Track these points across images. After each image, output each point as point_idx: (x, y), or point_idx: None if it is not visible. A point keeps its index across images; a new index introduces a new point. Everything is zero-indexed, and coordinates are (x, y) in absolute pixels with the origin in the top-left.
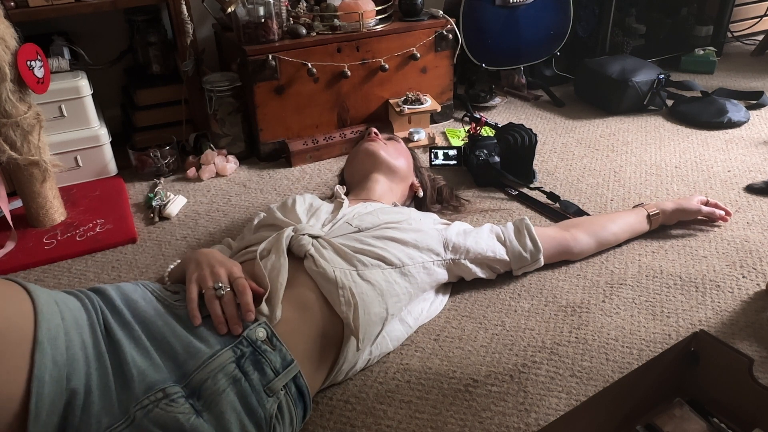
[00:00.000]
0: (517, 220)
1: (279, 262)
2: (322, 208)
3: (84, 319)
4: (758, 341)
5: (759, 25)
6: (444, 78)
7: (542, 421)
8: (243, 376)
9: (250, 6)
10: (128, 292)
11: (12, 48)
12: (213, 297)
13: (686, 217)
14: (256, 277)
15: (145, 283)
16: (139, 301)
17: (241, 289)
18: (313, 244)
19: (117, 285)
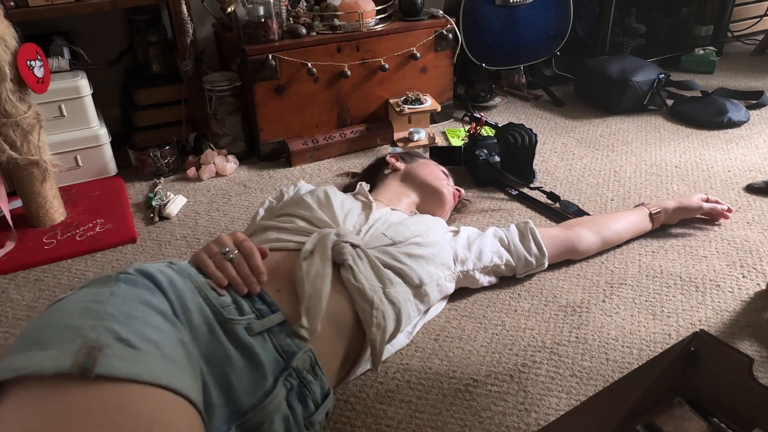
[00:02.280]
0: (521, 224)
1: (324, 270)
2: (353, 210)
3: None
4: (758, 341)
5: (759, 24)
6: (444, 78)
7: (542, 421)
8: (290, 413)
9: (250, 6)
10: (184, 295)
11: (12, 48)
12: (223, 260)
13: (688, 215)
14: (295, 278)
15: (191, 273)
16: (193, 312)
17: (249, 251)
18: (351, 254)
19: (169, 279)
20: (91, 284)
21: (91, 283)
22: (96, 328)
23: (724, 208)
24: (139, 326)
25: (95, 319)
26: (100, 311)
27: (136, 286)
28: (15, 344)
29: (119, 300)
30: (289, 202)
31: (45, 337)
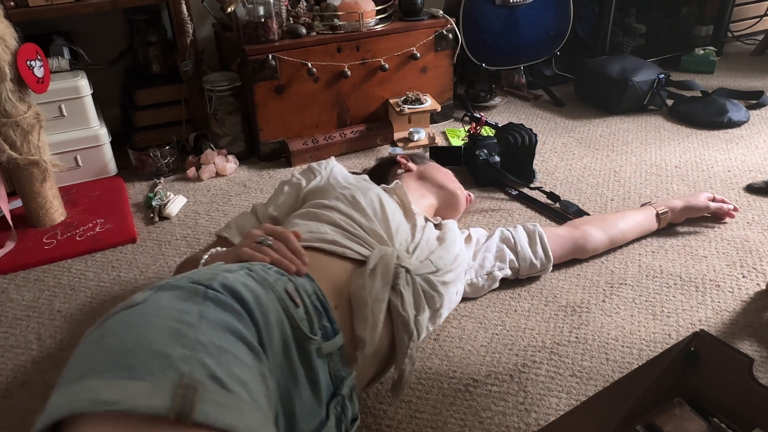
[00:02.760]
0: (529, 226)
1: (383, 295)
2: (402, 224)
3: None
4: (758, 341)
5: (759, 24)
6: (444, 78)
7: (542, 421)
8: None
9: (250, 6)
10: (268, 312)
11: (12, 48)
12: (262, 247)
13: (694, 215)
14: (356, 298)
15: (271, 283)
16: (274, 330)
17: (284, 236)
18: (404, 279)
19: (255, 295)
20: (172, 291)
21: (172, 290)
22: (189, 360)
23: (730, 207)
24: (229, 362)
25: (187, 348)
26: (191, 338)
27: (224, 309)
28: (90, 353)
29: (209, 326)
30: (329, 188)
31: (132, 361)
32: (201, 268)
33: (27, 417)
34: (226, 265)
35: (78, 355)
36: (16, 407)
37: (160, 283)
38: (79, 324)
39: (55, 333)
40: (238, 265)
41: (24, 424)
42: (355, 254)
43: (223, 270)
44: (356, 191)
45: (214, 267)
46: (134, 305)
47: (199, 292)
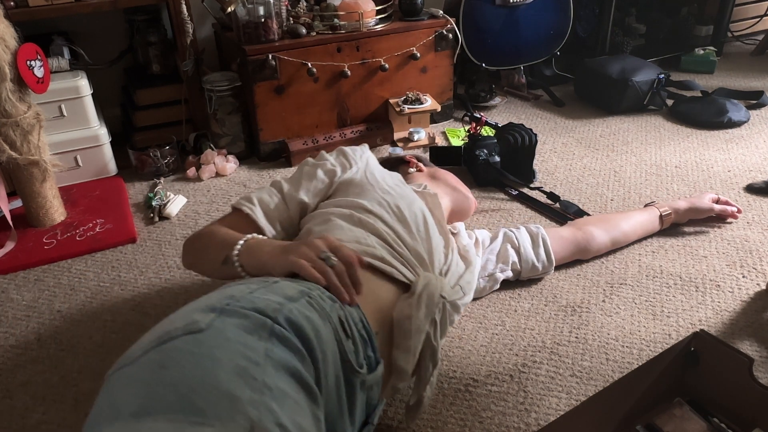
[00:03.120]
0: (533, 229)
1: (424, 326)
2: (439, 245)
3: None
4: (758, 341)
5: (759, 24)
6: (444, 78)
7: (542, 421)
8: None
9: (250, 6)
10: (326, 348)
11: (12, 48)
12: (324, 266)
13: (698, 216)
14: (401, 328)
15: (329, 312)
16: (330, 366)
17: (349, 259)
18: (440, 309)
19: (316, 330)
20: (237, 320)
21: (237, 318)
22: (257, 405)
23: (734, 210)
24: (291, 408)
25: (255, 391)
26: (258, 379)
27: (289, 349)
28: (152, 384)
29: (274, 367)
30: (366, 186)
31: (200, 402)
32: (254, 284)
33: (27, 417)
34: (287, 290)
35: (134, 378)
36: (16, 407)
37: (223, 303)
38: (79, 324)
39: (55, 333)
40: (297, 289)
41: (24, 424)
42: (401, 276)
43: (285, 298)
44: (400, 201)
45: (273, 289)
46: (197, 331)
47: (266, 327)
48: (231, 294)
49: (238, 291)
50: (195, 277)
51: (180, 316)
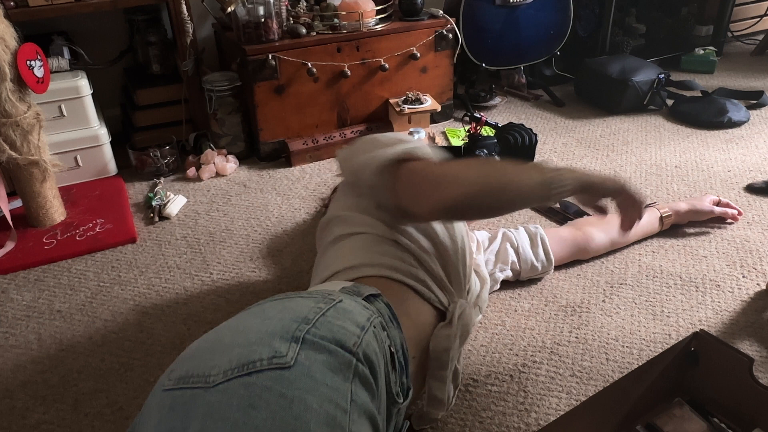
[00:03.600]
0: (531, 229)
1: (457, 354)
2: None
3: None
4: (758, 341)
5: (759, 24)
6: (444, 78)
7: (542, 421)
8: None
9: (250, 5)
10: (387, 382)
11: (12, 48)
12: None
13: (698, 218)
14: (438, 357)
15: (383, 343)
16: (382, 387)
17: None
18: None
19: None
20: (323, 355)
21: (322, 353)
22: None
23: (734, 212)
24: None
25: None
26: (345, 429)
27: (367, 390)
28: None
29: (358, 413)
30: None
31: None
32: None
33: (27, 417)
34: (357, 316)
35: (221, 414)
36: (16, 407)
37: (302, 330)
38: (79, 324)
39: (55, 333)
40: (364, 315)
41: (24, 424)
42: (438, 303)
43: (357, 326)
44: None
45: (343, 312)
46: (284, 367)
47: (350, 366)
48: (304, 315)
49: (308, 310)
50: (195, 277)
51: (256, 336)
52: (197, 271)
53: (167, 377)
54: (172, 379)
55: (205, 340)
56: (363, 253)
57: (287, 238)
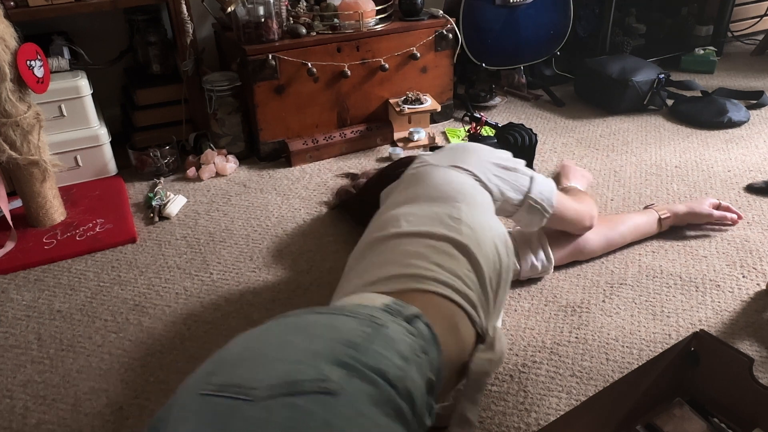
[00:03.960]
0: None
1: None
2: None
3: None
4: (758, 341)
5: (759, 24)
6: (444, 78)
7: (542, 421)
8: None
9: (250, 5)
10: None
11: (12, 47)
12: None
13: (697, 221)
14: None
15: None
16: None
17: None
18: None
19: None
20: (367, 387)
21: (367, 385)
22: None
23: (734, 216)
24: None
25: None
26: None
27: (402, 424)
28: None
29: None
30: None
31: None
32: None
33: (27, 417)
34: (402, 346)
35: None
36: (16, 407)
37: (349, 356)
38: (79, 324)
39: (55, 333)
40: (410, 345)
41: (24, 424)
42: (479, 327)
43: (402, 359)
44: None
45: (389, 341)
46: (330, 393)
47: (392, 403)
48: (350, 340)
49: (354, 334)
50: (195, 277)
51: (303, 354)
52: (197, 271)
53: (205, 380)
54: (212, 384)
55: (247, 348)
56: (421, 262)
57: (287, 238)
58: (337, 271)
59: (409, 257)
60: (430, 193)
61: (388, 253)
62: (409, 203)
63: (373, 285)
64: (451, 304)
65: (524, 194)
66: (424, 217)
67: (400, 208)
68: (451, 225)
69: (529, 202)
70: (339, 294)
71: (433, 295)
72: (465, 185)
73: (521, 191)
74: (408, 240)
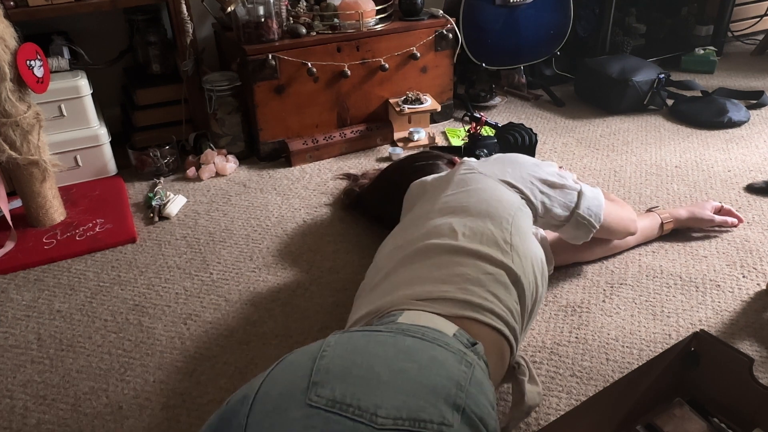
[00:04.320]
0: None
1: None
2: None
3: None
4: (758, 341)
5: (759, 24)
6: (444, 77)
7: (542, 421)
8: None
9: (250, 5)
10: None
11: (12, 47)
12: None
13: (698, 225)
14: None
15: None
16: None
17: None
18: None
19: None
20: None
21: (473, 429)
22: None
23: (734, 221)
24: None
25: None
26: None
27: None
28: None
29: None
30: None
31: None
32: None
33: (27, 417)
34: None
35: None
36: (16, 407)
37: (460, 397)
38: (79, 324)
39: (55, 333)
40: (492, 391)
41: (24, 424)
42: (515, 356)
43: (490, 405)
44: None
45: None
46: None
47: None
48: (455, 379)
49: (457, 372)
50: (195, 277)
51: (419, 388)
52: (197, 271)
53: (312, 390)
54: (321, 396)
55: (354, 363)
56: (480, 290)
57: (287, 238)
58: (337, 271)
59: (467, 281)
60: (482, 207)
61: (444, 269)
62: (462, 214)
63: (428, 302)
64: (501, 338)
65: (571, 210)
66: (480, 234)
67: (454, 218)
68: (505, 250)
69: (577, 218)
70: (380, 294)
71: (487, 328)
72: (513, 205)
73: (568, 207)
74: (465, 259)
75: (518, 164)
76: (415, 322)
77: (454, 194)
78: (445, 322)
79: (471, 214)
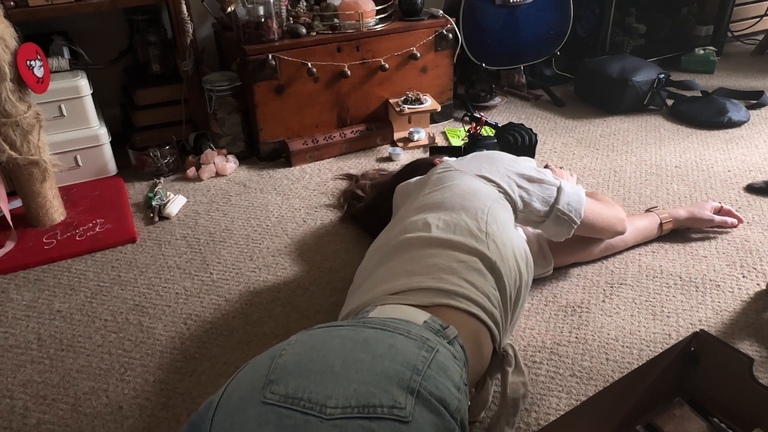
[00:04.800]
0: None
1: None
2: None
3: None
4: (758, 341)
5: (759, 24)
6: (444, 77)
7: (542, 421)
8: None
9: (250, 5)
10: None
11: (12, 47)
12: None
13: (698, 226)
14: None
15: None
16: None
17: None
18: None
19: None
20: (433, 417)
21: (433, 415)
22: None
23: (734, 222)
24: None
25: None
26: None
27: None
28: None
29: None
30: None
31: None
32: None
33: (27, 417)
34: (454, 375)
35: None
36: (16, 407)
37: (415, 381)
38: (79, 324)
39: (55, 333)
40: (459, 373)
41: (24, 424)
42: (497, 346)
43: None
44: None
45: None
46: (401, 420)
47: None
48: (413, 364)
49: (415, 357)
50: (195, 277)
51: (371, 376)
52: (197, 271)
53: (267, 388)
54: (275, 393)
55: (310, 358)
56: (452, 277)
57: (287, 238)
58: (337, 271)
59: (439, 270)
60: (456, 201)
61: (418, 262)
62: (437, 209)
63: (402, 294)
64: (478, 323)
65: (551, 205)
66: (453, 225)
67: (429, 213)
68: (480, 238)
69: (557, 213)
70: (361, 293)
71: (463, 313)
72: (490, 197)
73: (547, 202)
74: (438, 250)
75: (495, 160)
76: (386, 314)
77: (431, 192)
78: (417, 311)
79: (446, 208)
